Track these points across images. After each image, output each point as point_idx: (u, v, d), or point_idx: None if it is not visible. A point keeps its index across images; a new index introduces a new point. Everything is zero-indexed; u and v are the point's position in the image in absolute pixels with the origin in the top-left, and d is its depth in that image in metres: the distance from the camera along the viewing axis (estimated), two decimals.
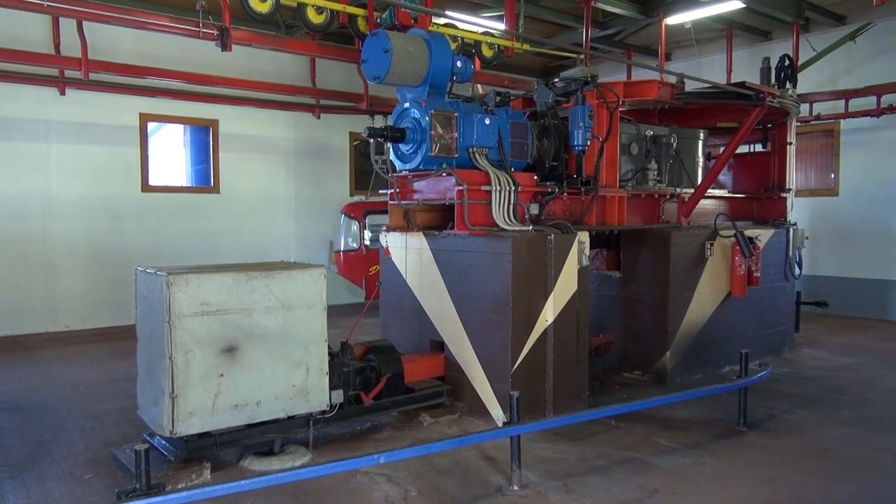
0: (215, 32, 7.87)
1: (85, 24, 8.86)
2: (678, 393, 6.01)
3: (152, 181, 11.65)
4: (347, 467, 4.05)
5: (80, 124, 10.86)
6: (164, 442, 4.84)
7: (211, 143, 12.26)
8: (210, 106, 11.91)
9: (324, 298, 5.07)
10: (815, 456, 5.31)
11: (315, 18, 8.52)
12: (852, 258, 12.15)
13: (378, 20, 8.21)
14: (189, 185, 12.55)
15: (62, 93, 10.42)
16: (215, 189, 12.30)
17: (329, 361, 5.20)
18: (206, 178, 12.40)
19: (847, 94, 11.43)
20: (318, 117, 12.95)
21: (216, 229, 12.21)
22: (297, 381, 4.95)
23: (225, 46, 7.85)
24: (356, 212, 12.26)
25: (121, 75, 10.07)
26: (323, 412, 5.17)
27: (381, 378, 5.74)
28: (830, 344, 9.69)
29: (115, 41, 10.43)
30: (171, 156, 12.49)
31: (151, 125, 11.74)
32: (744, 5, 10.69)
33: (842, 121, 12.03)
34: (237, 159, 12.50)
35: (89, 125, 10.92)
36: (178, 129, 12.47)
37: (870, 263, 11.95)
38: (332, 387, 5.23)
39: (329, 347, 5.27)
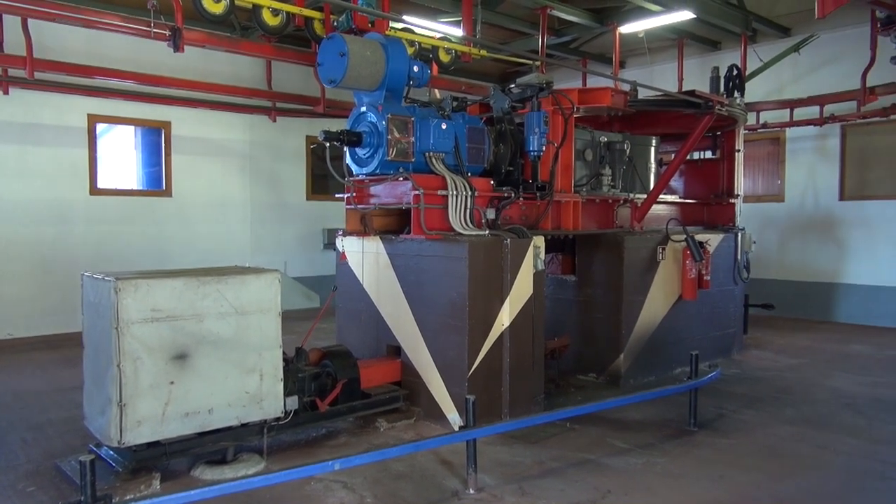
0: (167, 33, 7.72)
1: (30, 21, 8.59)
2: (631, 395, 6.12)
3: (101, 184, 11.33)
4: (302, 474, 4.00)
5: (25, 125, 10.50)
6: (111, 452, 4.71)
7: (163, 145, 11.99)
8: (162, 107, 11.66)
9: (278, 304, 5.01)
10: (761, 454, 5.46)
11: (270, 20, 8.43)
12: (797, 262, 12.57)
13: (335, 23, 8.18)
14: (140, 188, 12.25)
15: (6, 92, 10.06)
16: (167, 192, 12.04)
17: (284, 367, 5.14)
18: (157, 182, 12.12)
19: (792, 104, 11.82)
20: (275, 120, 12.80)
21: (168, 234, 11.95)
22: (251, 387, 4.88)
23: (177, 47, 7.71)
24: None
25: (68, 75, 9.77)
26: (277, 419, 5.11)
27: (336, 384, 5.69)
28: (777, 345, 10.00)
29: (64, 40, 10.14)
30: (121, 158, 12.17)
31: (100, 126, 11.42)
32: (694, 16, 10.97)
33: (787, 129, 12.45)
34: (190, 162, 12.26)
35: (34, 126, 10.58)
36: (129, 130, 12.17)
37: (814, 267, 12.38)
38: (287, 393, 5.16)
39: (284, 353, 5.21)
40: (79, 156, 11.00)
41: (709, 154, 9.76)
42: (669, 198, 9.09)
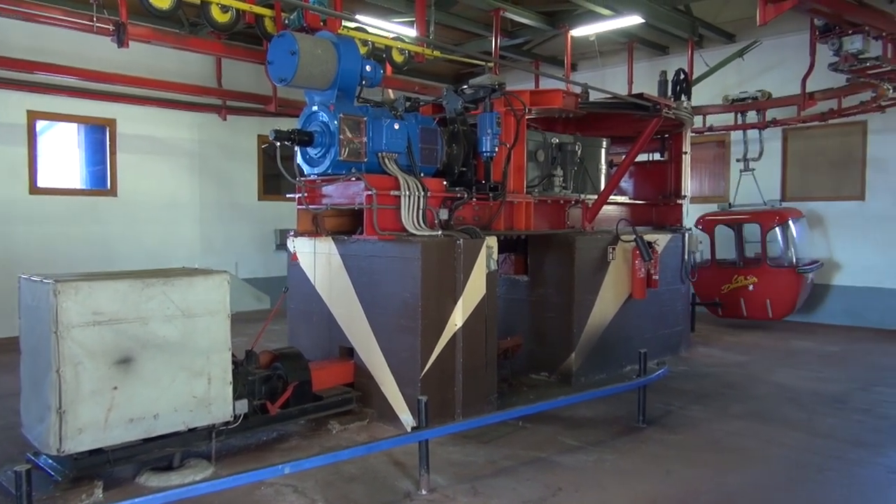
0: (111, 28, 7.50)
1: None
2: (582, 393, 6.21)
3: (41, 183, 10.93)
4: (251, 479, 3.93)
5: None
6: (50, 461, 4.54)
7: (108, 143, 11.64)
8: (107, 104, 11.31)
9: (227, 305, 4.92)
10: (708, 449, 5.61)
11: (220, 17, 8.26)
12: None
13: (286, 21, 8.07)
14: (84, 187, 11.86)
15: None
16: (112, 192, 11.68)
17: (233, 370, 5.05)
18: (102, 181, 11.75)
19: (736, 108, 12.16)
20: (225, 119, 12.57)
21: (114, 234, 11.59)
22: (199, 391, 4.78)
23: (122, 42, 7.49)
24: (706, 224, 11.74)
25: (7, 69, 9.41)
26: (226, 423, 5.01)
27: (287, 386, 5.62)
28: (723, 342, 10.28)
29: (3, 33, 9.74)
30: (63, 156, 11.76)
31: (41, 123, 11.02)
32: (643, 21, 11.19)
33: (732, 132, 12.80)
34: (137, 161, 11.93)
35: None
36: (72, 128, 11.77)
37: None
38: (237, 397, 5.07)
39: (233, 356, 5.12)
40: (17, 154, 10.58)
41: (657, 156, 9.96)
42: (619, 199, 9.25)
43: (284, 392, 5.60)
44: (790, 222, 11.13)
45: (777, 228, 11.14)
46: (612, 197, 8.50)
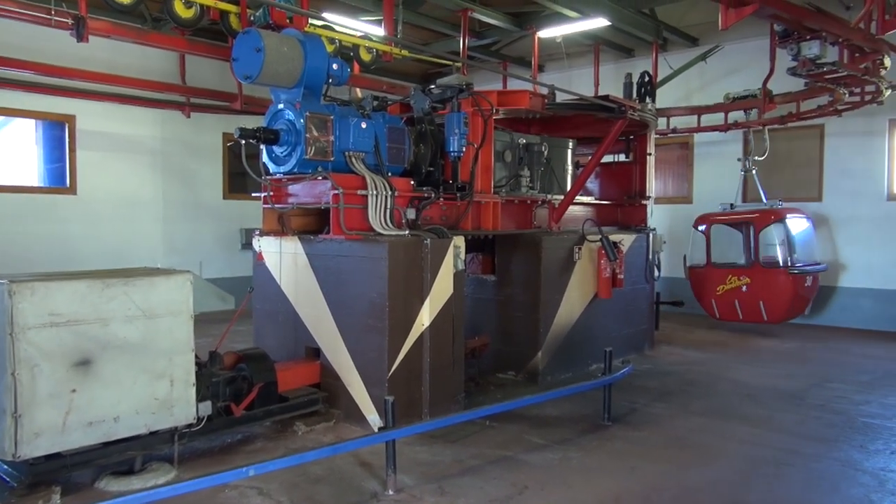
0: (70, 21, 7.31)
1: None
2: (548, 392, 6.26)
3: None
4: (214, 482, 3.88)
5: None
6: (5, 467, 4.40)
7: (67, 140, 11.36)
8: (66, 100, 11.02)
9: (190, 306, 4.84)
10: (670, 445, 5.70)
11: (183, 13, 8.11)
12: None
13: (251, 18, 7.96)
14: (41, 185, 11.55)
15: None
16: (72, 190, 11.40)
17: (196, 372, 4.97)
18: (61, 178, 11.46)
19: (699, 110, 12.38)
20: (189, 116, 12.35)
21: (73, 234, 11.32)
22: (161, 393, 4.69)
23: (81, 37, 7.31)
24: (703, 224, 11.38)
25: None
26: (189, 426, 4.93)
27: (252, 387, 5.55)
28: (686, 341, 10.46)
29: None
30: (20, 153, 11.44)
31: None
32: (609, 23, 11.32)
33: (695, 134, 13.04)
34: (98, 158, 11.66)
35: None
36: (30, 124, 11.45)
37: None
38: (200, 398, 4.99)
39: (197, 357, 5.04)
40: None
41: (622, 157, 10.09)
42: (585, 199, 9.36)
43: (249, 393, 5.53)
44: (786, 222, 10.74)
45: (772, 228, 10.73)
46: (578, 197, 8.60)
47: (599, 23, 11.34)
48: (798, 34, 7.57)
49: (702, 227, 11.30)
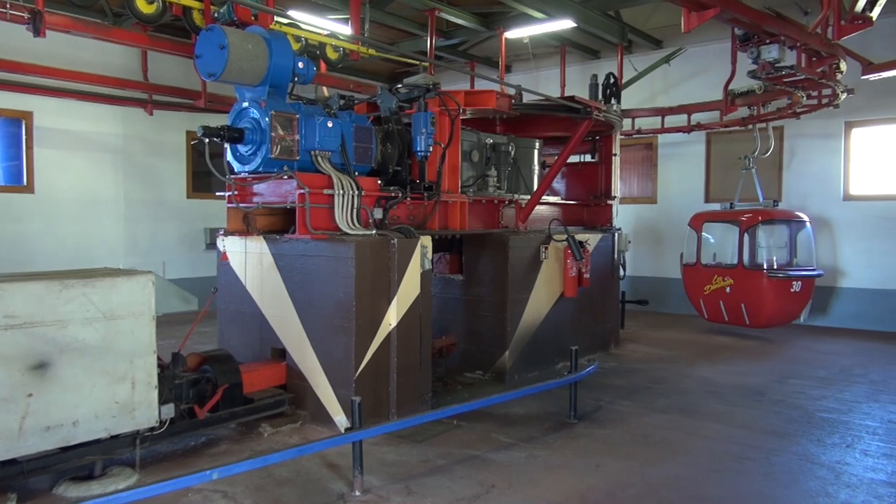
0: (26, 16, 7.12)
1: None
2: (515, 390, 6.29)
3: None
4: (177, 486, 3.81)
5: None
6: None
7: (24, 137, 11.06)
8: (22, 96, 10.73)
9: (152, 307, 4.75)
10: (635, 442, 5.78)
11: (145, 8, 7.98)
12: (668, 260, 13.40)
13: (215, 15, 7.86)
14: None
15: None
16: (29, 188, 11.10)
17: (159, 374, 4.89)
18: (17, 177, 11.15)
19: (663, 112, 12.59)
20: (151, 114, 12.11)
21: (30, 233, 11.02)
22: (122, 396, 4.59)
23: (38, 31, 7.14)
24: (696, 222, 11.13)
25: None
26: (152, 429, 4.84)
27: (217, 389, 5.47)
28: (650, 339, 10.62)
29: None
30: None
31: None
32: (575, 25, 11.43)
33: (659, 135, 13.25)
34: (56, 156, 11.38)
35: None
36: None
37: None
38: (163, 401, 4.91)
39: (159, 359, 4.96)
40: None
41: (588, 157, 10.20)
42: (552, 199, 9.43)
43: (214, 395, 5.45)
44: (774, 223, 10.61)
45: (758, 229, 10.48)
46: (544, 197, 8.66)
47: (566, 24, 11.45)
48: (758, 38, 7.73)
49: (697, 226, 11.15)
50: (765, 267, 10.26)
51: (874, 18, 8.27)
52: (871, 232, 11.40)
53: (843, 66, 8.85)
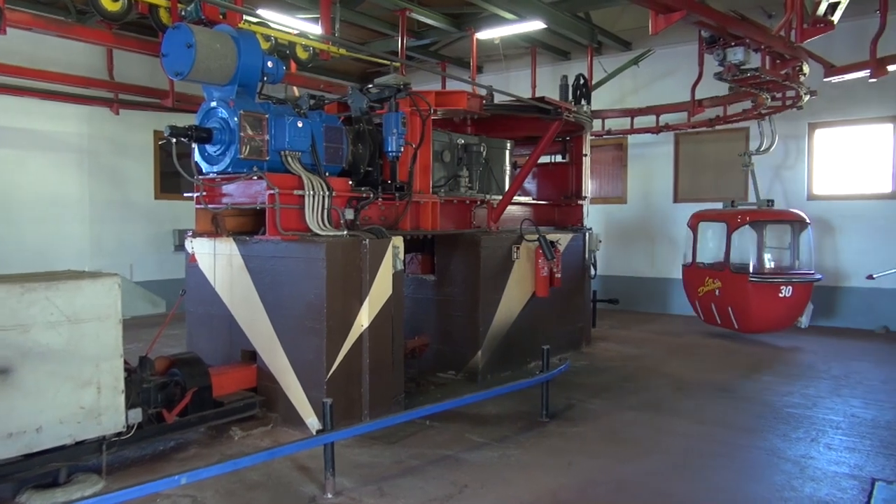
0: None
1: None
2: (487, 390, 6.30)
3: None
4: (144, 492, 3.74)
5: None
6: None
7: None
8: None
9: (118, 310, 4.66)
10: (606, 440, 5.84)
11: (110, 6, 7.81)
12: (638, 259, 13.58)
13: (182, 13, 7.73)
14: None
15: None
16: None
17: (126, 378, 4.80)
18: None
19: (632, 113, 12.73)
20: (117, 113, 11.85)
21: None
22: (87, 402, 4.50)
23: None
24: (693, 221, 10.78)
25: None
26: (118, 434, 4.75)
27: (186, 393, 5.39)
28: (621, 337, 10.73)
29: None
30: None
31: None
32: (545, 26, 11.51)
33: (629, 136, 13.40)
34: (17, 156, 11.10)
35: None
36: None
37: (653, 263, 13.44)
38: (130, 406, 4.82)
39: (126, 363, 4.87)
40: None
41: (559, 158, 10.27)
42: (523, 199, 9.48)
43: (182, 399, 5.37)
44: (765, 224, 10.17)
45: (745, 230, 9.99)
46: (516, 197, 8.70)
47: (536, 25, 11.51)
48: (723, 40, 7.85)
49: (693, 226, 10.87)
50: (750, 270, 9.84)
51: (835, 22, 8.47)
52: (835, 230, 11.66)
53: (806, 68, 9.03)
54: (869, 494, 4.68)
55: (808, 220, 10.30)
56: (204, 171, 6.38)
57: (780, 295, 9.74)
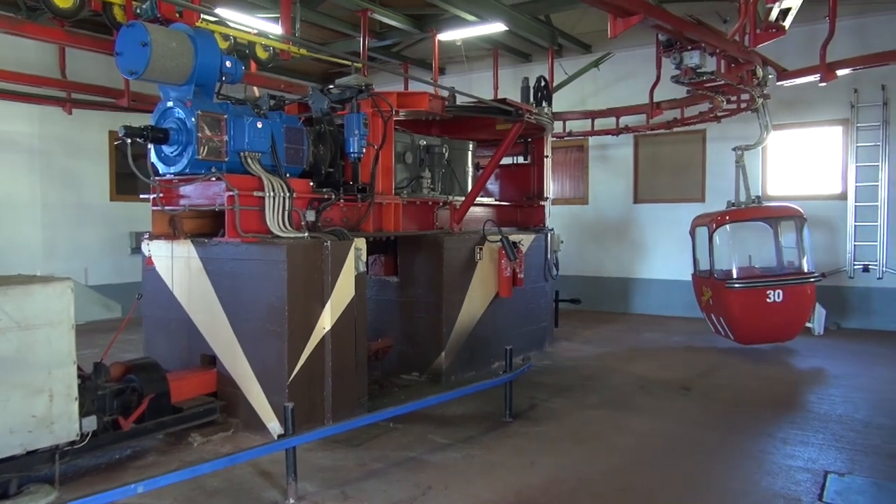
0: None
1: None
2: (451, 391, 6.31)
3: None
4: (98, 502, 3.64)
5: None
6: None
7: None
8: None
9: (71, 315, 4.53)
10: (569, 439, 5.89)
11: (61, 2, 7.60)
12: (600, 259, 13.75)
13: (137, 11, 7.56)
14: None
15: None
16: None
17: (79, 385, 4.67)
18: None
19: (593, 115, 12.87)
20: (70, 113, 11.52)
21: None
22: (39, 410, 4.37)
23: None
24: (693, 226, 10.06)
25: None
26: (72, 443, 4.62)
27: (143, 399, 5.27)
28: (583, 337, 10.85)
29: None
30: None
31: None
32: (506, 28, 11.57)
33: (589, 138, 13.56)
34: None
35: None
36: None
37: (614, 263, 13.63)
38: (84, 413, 4.69)
39: (80, 370, 4.74)
40: None
41: (521, 159, 10.33)
42: (486, 200, 9.51)
43: (139, 406, 5.25)
44: (746, 223, 9.59)
45: (725, 231, 9.33)
46: (478, 198, 8.72)
47: (497, 27, 11.57)
48: (680, 44, 8.00)
49: (693, 231, 10.15)
50: (734, 275, 9.03)
51: (787, 27, 8.70)
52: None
53: (760, 72, 9.27)
54: (821, 486, 4.82)
55: (804, 215, 9.48)
56: (161, 172, 6.25)
57: (769, 301, 8.84)
